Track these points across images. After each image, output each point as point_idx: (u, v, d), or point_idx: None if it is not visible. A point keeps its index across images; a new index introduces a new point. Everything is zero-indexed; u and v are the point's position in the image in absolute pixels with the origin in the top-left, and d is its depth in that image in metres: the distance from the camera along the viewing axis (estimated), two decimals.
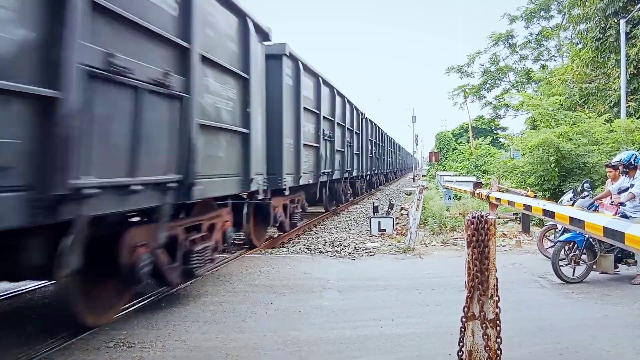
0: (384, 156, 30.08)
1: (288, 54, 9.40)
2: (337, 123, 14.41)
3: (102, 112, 3.93)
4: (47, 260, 3.96)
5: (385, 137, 31.71)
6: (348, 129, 16.23)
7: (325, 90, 12.81)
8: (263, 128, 7.80)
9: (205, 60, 5.64)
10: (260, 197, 7.90)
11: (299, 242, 10.17)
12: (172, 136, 5.00)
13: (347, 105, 16.21)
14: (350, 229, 12.39)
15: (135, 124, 4.33)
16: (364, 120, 20.13)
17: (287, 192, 9.69)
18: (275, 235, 10.47)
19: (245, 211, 8.34)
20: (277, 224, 9.98)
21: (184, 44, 5.13)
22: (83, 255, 3.89)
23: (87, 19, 3.62)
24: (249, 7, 6.89)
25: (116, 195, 4.15)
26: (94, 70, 3.71)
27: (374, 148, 24.15)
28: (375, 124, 24.96)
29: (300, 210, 11.54)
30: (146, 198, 4.60)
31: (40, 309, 5.60)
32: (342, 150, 15.32)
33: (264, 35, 7.69)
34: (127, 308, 5.44)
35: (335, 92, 14.11)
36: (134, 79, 4.21)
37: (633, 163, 7.07)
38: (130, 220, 5.25)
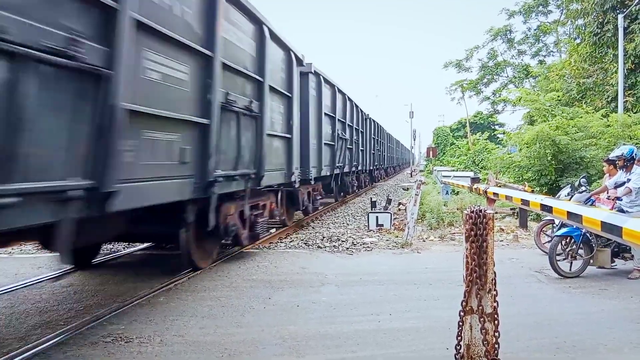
0: (384, 152, 31.79)
1: (313, 72, 11.73)
2: (347, 124, 16.67)
3: (225, 130, 6.40)
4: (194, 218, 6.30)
5: (385, 134, 33.34)
6: (355, 128, 18.45)
7: (339, 97, 15.14)
8: (298, 132, 10.01)
9: (270, 88, 7.99)
10: (297, 185, 10.16)
11: (297, 237, 10.17)
12: (253, 143, 7.36)
13: (355, 108, 18.52)
14: (348, 224, 12.39)
15: (237, 135, 6.78)
16: (367, 120, 22.30)
17: (312, 182, 12.13)
18: (302, 217, 12.65)
19: (279, 197, 10.13)
20: (303, 207, 12.25)
21: (260, 78, 7.55)
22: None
23: (220, 74, 6.08)
24: (292, 42, 9.29)
25: (227, 181, 6.56)
26: (223, 104, 6.17)
27: (375, 145, 26.14)
28: (377, 122, 26.98)
29: (320, 197, 13.87)
30: (239, 184, 7.01)
31: (38, 303, 5.60)
32: (351, 147, 17.47)
33: (299, 61, 9.99)
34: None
35: (347, 97, 16.57)
36: (237, 107, 6.60)
37: (634, 157, 7.08)
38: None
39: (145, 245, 8.84)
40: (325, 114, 13.20)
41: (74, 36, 3.58)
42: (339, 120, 15.00)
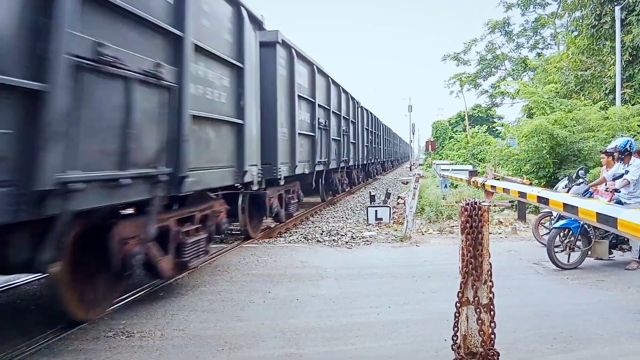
0: (380, 145, 30.17)
1: (281, 42, 9.26)
2: (333, 112, 14.30)
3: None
4: None
5: (382, 126, 31.74)
6: (344, 117, 16.16)
7: (320, 79, 12.71)
8: (258, 117, 7.76)
9: (198, 49, 5.58)
10: (255, 188, 7.86)
11: (296, 232, 10.21)
12: (165, 127, 5.00)
13: (343, 94, 16.11)
14: (347, 218, 12.43)
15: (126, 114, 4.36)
16: (359, 109, 20.07)
17: (282, 182, 9.64)
18: (272, 226, 10.49)
19: (240, 202, 8.32)
20: (273, 215, 9.97)
21: (178, 32, 5.11)
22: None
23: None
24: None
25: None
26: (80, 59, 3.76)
27: (370, 137, 24.15)
28: (371, 112, 24.88)
29: (296, 200, 11.49)
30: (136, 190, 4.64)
31: (39, 299, 5.63)
32: (338, 139, 15.28)
33: (257, 24, 7.65)
34: (126, 298, 5.48)
35: (330, 80, 14.03)
36: (124, 69, 4.22)
37: (628, 149, 7.12)
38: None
39: None
40: (301, 97, 10.79)
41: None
42: (320, 106, 12.56)
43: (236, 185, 7.34)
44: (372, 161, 26.16)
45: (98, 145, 4.08)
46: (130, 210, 5.33)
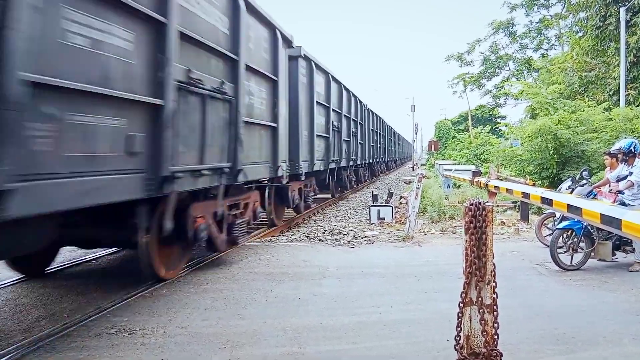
0: (384, 145, 30.98)
1: (303, 56, 10.71)
2: (344, 115, 15.65)
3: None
4: None
5: (386, 127, 32.47)
6: (353, 120, 17.43)
7: (333, 86, 14.09)
8: (286, 121, 9.12)
9: (249, 69, 7.04)
10: (285, 181, 9.26)
11: (298, 231, 10.21)
12: (226, 131, 6.40)
13: (352, 98, 17.38)
14: (349, 218, 12.43)
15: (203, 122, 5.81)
16: (366, 111, 21.18)
17: (303, 178, 10.88)
18: (292, 217, 11.67)
19: (267, 193, 9.58)
20: (294, 206, 11.31)
21: (234, 56, 6.56)
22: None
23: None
24: (277, 19, 8.30)
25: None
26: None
27: (375, 137, 25.13)
28: (376, 114, 25.85)
29: (313, 194, 12.92)
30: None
31: (42, 296, 5.64)
32: (348, 140, 16.47)
33: (287, 42, 9.02)
34: (134, 295, 5.49)
35: (342, 87, 15.42)
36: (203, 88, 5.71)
37: (633, 151, 7.09)
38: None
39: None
40: (318, 103, 12.25)
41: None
42: (333, 110, 14.07)
43: (262, 180, 8.61)
44: (377, 160, 27.20)
45: (189, 144, 5.48)
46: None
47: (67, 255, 7.63)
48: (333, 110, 13.96)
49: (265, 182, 8.96)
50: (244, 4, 6.74)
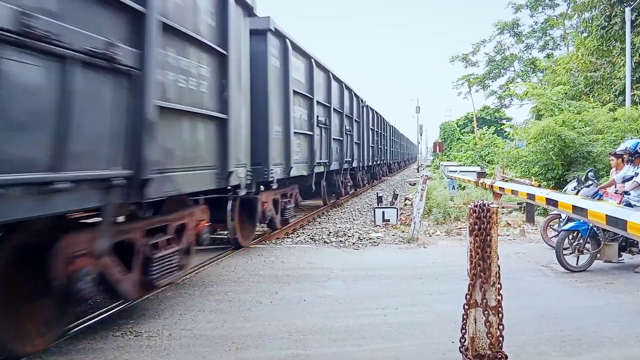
0: (387, 146, 29.36)
1: (274, 30, 8.47)
2: (334, 109, 13.38)
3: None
4: None
5: (388, 127, 30.91)
6: (347, 116, 15.22)
7: (319, 74, 11.85)
8: (247, 113, 7.09)
9: (167, 28, 4.69)
10: (243, 192, 7.04)
11: (303, 233, 10.21)
12: (123, 120, 4.17)
13: (346, 92, 15.14)
14: (354, 220, 12.43)
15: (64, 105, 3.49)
16: (364, 108, 19.11)
17: (274, 186, 8.82)
18: (269, 233, 9.85)
19: (229, 207, 7.77)
20: (267, 221, 9.26)
21: (139, 6, 4.25)
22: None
23: None
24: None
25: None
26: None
27: (375, 137, 23.23)
28: (377, 112, 24.00)
29: (293, 205, 10.80)
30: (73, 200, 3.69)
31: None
32: (341, 139, 14.34)
33: (247, 9, 6.91)
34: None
35: (331, 76, 13.14)
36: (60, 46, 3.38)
37: (639, 151, 7.06)
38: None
39: None
40: (297, 92, 9.97)
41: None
42: (319, 103, 11.72)
43: (225, 188, 6.54)
44: (378, 162, 25.28)
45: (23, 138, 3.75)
46: None
47: None
48: (318, 102, 11.55)
49: (227, 192, 6.96)
50: None
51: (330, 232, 10.01)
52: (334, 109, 13.31)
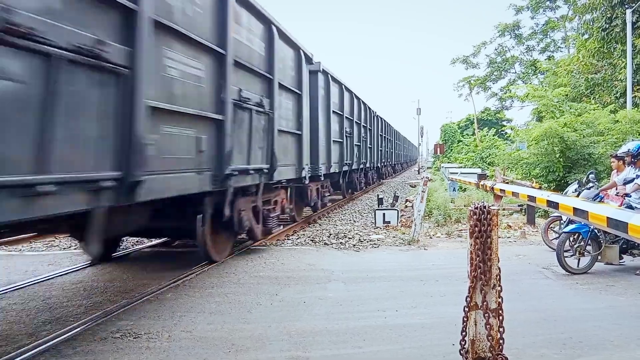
0: (391, 149, 32.21)
1: (322, 70, 11.91)
2: (355, 122, 16.89)
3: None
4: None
5: (393, 131, 33.66)
6: (363, 126, 18.67)
7: (346, 95, 15.37)
8: (308, 129, 10.45)
9: (280, 86, 8.35)
10: (306, 181, 10.46)
11: (303, 235, 10.19)
12: (265, 138, 7.74)
13: (362, 105, 18.67)
14: (355, 221, 12.40)
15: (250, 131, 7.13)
16: (375, 117, 22.46)
17: (322, 178, 12.29)
18: (309, 214, 12.81)
19: (290, 192, 10.63)
20: (312, 204, 12.48)
21: (270, 76, 7.90)
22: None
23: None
24: (301, 41, 9.73)
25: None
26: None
27: (383, 142, 26.38)
28: (384, 119, 27.05)
29: (328, 193, 14.18)
30: (253, 178, 7.38)
31: (48, 300, 5.66)
32: (359, 144, 17.74)
33: (308, 60, 10.37)
34: (137, 299, 5.50)
35: (354, 95, 16.74)
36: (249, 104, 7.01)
37: None
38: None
39: (154, 242, 8.92)
40: (334, 111, 13.47)
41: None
42: (346, 117, 15.24)
43: (284, 180, 9.47)
44: (384, 164, 28.38)
45: (240, 149, 6.76)
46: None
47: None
48: (346, 117, 15.20)
49: (284, 182, 9.73)
50: (276, 31, 8.10)
51: (330, 234, 9.99)
52: (355, 121, 16.92)
